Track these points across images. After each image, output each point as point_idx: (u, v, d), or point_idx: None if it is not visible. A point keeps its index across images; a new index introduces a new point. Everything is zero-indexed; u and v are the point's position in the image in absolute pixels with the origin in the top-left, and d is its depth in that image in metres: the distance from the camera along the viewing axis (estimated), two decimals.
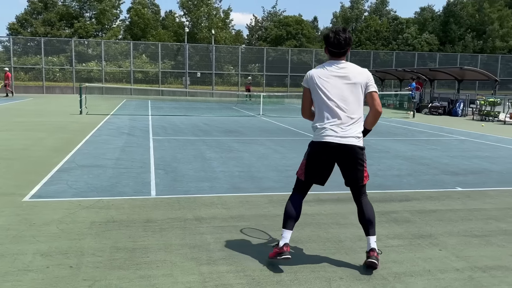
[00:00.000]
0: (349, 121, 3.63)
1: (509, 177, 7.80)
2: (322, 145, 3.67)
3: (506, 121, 19.36)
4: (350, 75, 3.65)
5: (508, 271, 3.85)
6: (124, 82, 38.91)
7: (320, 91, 3.68)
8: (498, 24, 59.67)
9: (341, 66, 3.68)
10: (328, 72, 3.68)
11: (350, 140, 3.62)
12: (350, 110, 3.64)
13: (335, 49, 3.68)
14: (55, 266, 3.64)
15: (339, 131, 3.62)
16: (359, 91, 3.66)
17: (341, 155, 3.68)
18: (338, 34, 3.67)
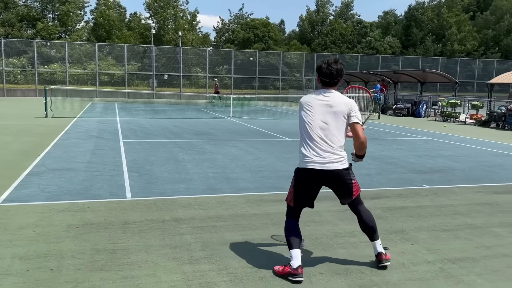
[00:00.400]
0: (329, 148, 3.71)
1: (472, 174, 8.17)
2: (307, 172, 3.75)
3: (466, 122, 20.14)
4: (333, 104, 3.74)
5: (475, 262, 4.07)
6: (89, 84, 38.17)
7: (305, 117, 3.80)
8: (456, 28, 61.89)
9: (327, 95, 3.79)
10: (314, 100, 3.80)
11: (333, 165, 3.70)
12: (331, 138, 3.72)
13: (327, 79, 3.79)
14: (35, 270, 3.61)
15: (321, 158, 3.69)
16: (340, 119, 3.74)
17: (327, 180, 3.76)
18: (330, 65, 3.77)
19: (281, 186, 6.79)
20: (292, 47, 57.49)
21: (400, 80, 29.34)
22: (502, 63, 54.43)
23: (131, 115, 19.51)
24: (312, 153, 3.72)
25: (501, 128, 17.84)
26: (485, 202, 6.20)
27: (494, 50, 63.36)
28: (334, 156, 3.70)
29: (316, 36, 61.97)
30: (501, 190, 6.99)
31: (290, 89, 45.51)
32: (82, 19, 53.52)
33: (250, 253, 4.11)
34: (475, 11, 70.59)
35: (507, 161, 9.86)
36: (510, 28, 64.31)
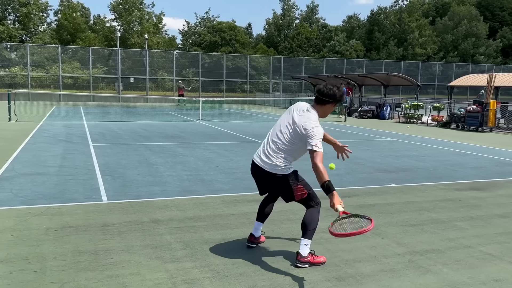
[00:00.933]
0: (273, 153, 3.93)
1: (435, 173, 8.59)
2: (251, 164, 4.16)
3: (428, 123, 20.92)
4: (298, 118, 3.88)
5: (441, 253, 4.36)
6: (52, 88, 37.27)
7: (279, 119, 4.11)
8: (417, 32, 63.92)
9: (305, 110, 3.92)
10: (297, 107, 4.00)
11: (265, 165, 3.96)
12: (279, 145, 3.93)
13: (317, 93, 3.97)
14: (18, 272, 3.63)
15: (263, 156, 3.99)
16: (297, 134, 3.86)
17: (265, 179, 4.04)
18: (328, 84, 3.96)
19: (255, 187, 6.92)
20: (259, 50, 57.89)
21: (365, 83, 30.12)
22: (461, 67, 56.64)
23: (98, 119, 19.25)
24: (260, 150, 4.10)
25: (461, 129, 18.64)
26: (448, 199, 6.56)
27: (453, 54, 65.82)
28: (274, 160, 3.93)
29: (283, 39, 62.63)
30: (462, 187, 7.40)
31: (258, 92, 45.84)
32: (45, 21, 52.17)
33: (229, 251, 4.25)
34: (434, 16, 73.17)
35: (466, 160, 10.37)
36: (467, 33, 66.97)
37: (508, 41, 71.87)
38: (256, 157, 4.08)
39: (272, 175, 3.94)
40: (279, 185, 4.00)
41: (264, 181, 4.09)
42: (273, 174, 3.93)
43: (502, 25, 75.94)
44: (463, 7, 70.94)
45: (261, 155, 4.02)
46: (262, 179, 4.08)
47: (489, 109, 17.61)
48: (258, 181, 4.18)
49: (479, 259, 4.22)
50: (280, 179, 3.95)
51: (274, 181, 3.99)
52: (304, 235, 3.96)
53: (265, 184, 4.12)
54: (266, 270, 3.84)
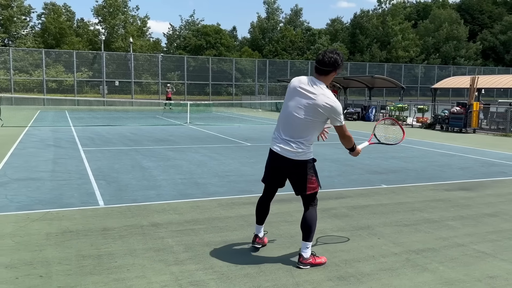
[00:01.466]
0: (294, 137, 3.92)
1: (424, 174, 8.78)
2: (270, 152, 4.11)
3: (413, 125, 21.27)
4: (316, 97, 3.83)
5: (436, 251, 4.49)
6: (36, 92, 36.82)
7: (287, 100, 3.99)
8: (400, 36, 64.84)
9: (316, 86, 3.86)
10: (302, 85, 3.90)
11: (288, 153, 3.93)
12: (298, 128, 3.91)
13: (318, 64, 3.91)
14: (24, 277, 3.65)
15: (282, 144, 3.95)
16: (318, 113, 3.84)
17: (285, 167, 4.01)
18: (326, 53, 3.90)
19: (249, 189, 7.04)
20: (244, 53, 58.06)
21: (350, 86, 30.46)
22: (442, 69, 57.58)
23: (85, 123, 19.12)
24: (277, 138, 4.05)
25: (445, 130, 19.01)
26: (438, 199, 6.74)
27: (435, 56, 66.93)
28: (294, 146, 3.91)
29: (267, 43, 62.90)
30: (452, 187, 7.59)
31: (244, 95, 45.94)
32: (27, 25, 51.50)
33: (231, 253, 4.32)
34: (416, 19, 74.33)
35: (453, 160, 10.61)
36: (448, 36, 68.19)
37: (488, 43, 73.38)
38: (276, 146, 3.99)
39: (294, 161, 3.92)
40: (297, 173, 3.97)
41: (284, 171, 4.03)
42: (294, 160, 3.91)
43: (482, 28, 77.57)
44: (443, 11, 72.26)
45: (280, 144, 3.95)
46: (282, 169, 4.03)
47: (472, 110, 18.00)
48: (276, 171, 4.09)
49: (473, 257, 4.37)
50: (300, 166, 3.94)
51: (293, 169, 3.97)
52: (306, 238, 4.02)
53: (283, 173, 4.06)
54: (268, 271, 3.92)
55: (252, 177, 8.04)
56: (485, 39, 73.97)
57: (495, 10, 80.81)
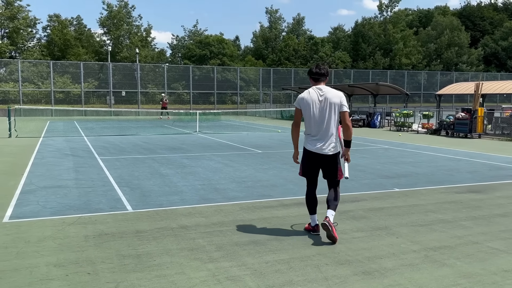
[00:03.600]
0: (325, 136, 4.93)
1: (433, 178, 9.05)
2: (308, 152, 5.05)
3: (418, 131, 21.54)
4: (330, 99, 4.88)
5: (452, 249, 4.77)
6: (44, 103, 37.31)
7: (308, 110, 4.94)
8: (402, 43, 65.30)
9: (321, 90, 4.95)
10: (314, 96, 4.93)
11: (326, 150, 4.95)
12: (327, 127, 4.91)
13: (315, 75, 5.01)
14: (73, 274, 3.95)
15: (320, 145, 4.94)
16: (336, 109, 4.90)
17: (322, 161, 5.01)
18: (319, 65, 5.06)
19: (268, 194, 7.34)
20: (248, 62, 58.56)
21: (355, 93, 30.79)
22: (445, 75, 57.93)
23: (96, 133, 19.48)
24: (313, 140, 5.02)
25: (450, 136, 19.27)
26: (450, 201, 7.01)
27: (437, 63, 67.31)
28: (329, 143, 4.97)
29: (270, 52, 63.42)
30: (461, 190, 7.86)
31: (248, 104, 46.35)
32: (34, 36, 52.22)
33: (260, 251, 4.61)
34: (418, 27, 74.82)
35: (460, 165, 10.88)
36: (450, 42, 68.60)
37: (490, 49, 73.76)
38: (313, 148, 4.94)
39: (330, 156, 4.95)
40: (332, 164, 4.99)
41: (323, 166, 5.03)
42: (330, 155, 4.94)
43: (483, 34, 78.01)
44: (445, 17, 72.75)
45: (317, 145, 4.93)
46: (321, 164, 5.02)
47: (477, 116, 18.27)
48: (316, 168, 5.08)
49: (488, 253, 4.64)
50: (333, 158, 4.98)
51: (331, 162, 4.98)
52: (333, 207, 5.01)
53: (322, 167, 5.05)
54: (297, 267, 4.20)
55: (267, 182, 8.34)
56: (486, 45, 74.37)
57: (496, 16, 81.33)
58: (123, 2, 55.26)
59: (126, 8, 55.40)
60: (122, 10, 54.59)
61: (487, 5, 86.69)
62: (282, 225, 5.57)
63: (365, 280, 3.91)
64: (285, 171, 9.55)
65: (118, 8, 54.49)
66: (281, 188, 7.83)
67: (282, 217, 5.95)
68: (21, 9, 49.23)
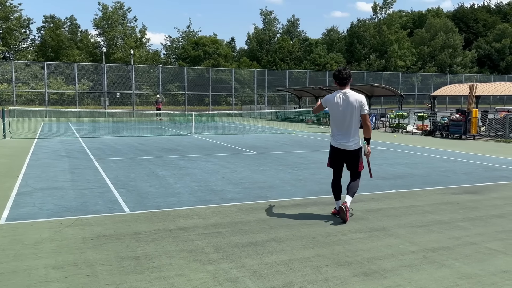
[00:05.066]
0: (348, 134, 5.70)
1: (430, 179, 9.09)
2: (334, 148, 5.88)
3: (413, 132, 21.63)
4: (353, 102, 5.61)
5: (450, 250, 4.79)
6: (37, 104, 37.10)
7: (334, 111, 5.70)
8: (396, 45, 65.60)
9: (345, 94, 5.66)
10: (339, 99, 5.66)
11: (349, 146, 5.75)
12: (353, 127, 5.68)
13: (340, 80, 5.68)
14: (72, 276, 3.92)
15: (345, 142, 5.71)
16: (358, 111, 5.65)
17: (345, 155, 5.81)
18: (340, 71, 5.66)
19: (265, 195, 7.34)
20: (242, 64, 58.58)
21: None
22: (439, 77, 58.27)
23: (91, 134, 19.39)
24: (338, 136, 5.85)
25: (445, 137, 19.36)
26: (447, 202, 7.04)
27: (431, 65, 67.64)
28: (351, 139, 5.78)
29: (265, 53, 63.47)
30: (458, 191, 7.90)
31: (243, 105, 46.34)
32: (27, 37, 51.93)
33: (259, 252, 4.60)
34: (412, 28, 75.17)
35: (456, 166, 10.93)
36: (444, 44, 68.97)
37: (483, 51, 74.27)
38: (339, 145, 5.72)
39: (353, 151, 5.72)
40: (355, 157, 5.78)
41: (346, 159, 5.81)
42: (354, 150, 5.71)
43: (477, 36, 78.54)
44: (439, 19, 73.17)
45: (342, 142, 5.69)
46: (346, 159, 5.80)
47: (471, 117, 18.38)
48: (340, 161, 5.85)
49: (486, 254, 4.66)
50: (356, 152, 5.75)
51: (353, 156, 5.76)
52: (352, 194, 5.84)
53: (345, 161, 5.83)
54: (297, 268, 4.20)
55: (264, 183, 8.33)
56: (480, 47, 74.91)
57: (489, 18, 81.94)
58: (118, 3, 55.16)
59: (122, 9, 55.28)
60: (117, 11, 54.45)
61: (480, 7, 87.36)
62: (280, 226, 5.57)
63: (365, 281, 3.92)
64: (282, 172, 9.55)
65: (113, 9, 54.35)
66: (278, 189, 7.83)
67: (280, 218, 5.94)
68: (13, 9, 48.94)
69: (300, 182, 8.45)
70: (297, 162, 11.27)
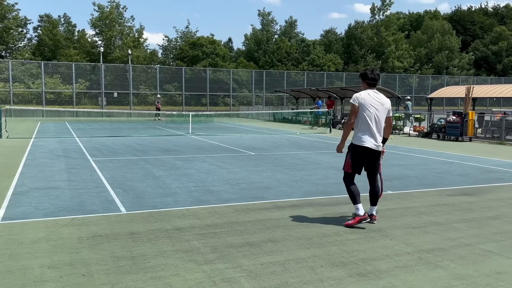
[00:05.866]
0: (379, 134, 5.66)
1: (426, 180, 9.12)
2: (361, 148, 5.63)
3: (410, 134, 21.68)
4: (384, 103, 5.63)
5: (445, 251, 4.81)
6: (34, 103, 37.02)
7: (368, 110, 5.55)
8: (394, 46, 65.75)
9: (378, 95, 5.64)
10: (373, 99, 5.59)
11: (378, 146, 5.68)
12: (380, 127, 5.65)
13: (371, 81, 5.65)
14: (68, 276, 3.92)
15: (375, 142, 5.60)
16: (385, 113, 5.69)
17: (370, 155, 5.66)
18: (373, 71, 5.68)
19: (262, 196, 7.35)
20: (240, 64, 58.61)
21: (346, 96, 30.91)
22: (436, 78, 58.43)
23: (88, 134, 19.36)
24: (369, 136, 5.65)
25: (442, 139, 19.42)
26: (442, 203, 7.07)
27: (428, 66, 67.82)
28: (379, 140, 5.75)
29: (263, 54, 63.52)
30: (454, 193, 7.93)
31: (241, 106, 46.35)
32: (24, 37, 51.82)
33: (255, 253, 4.61)
34: (409, 30, 75.36)
35: (452, 167, 10.97)
36: (441, 46, 69.16)
37: (480, 53, 74.51)
38: (370, 144, 5.56)
39: (378, 152, 5.70)
40: (378, 158, 5.73)
41: (369, 161, 5.68)
42: (379, 151, 5.69)
43: (474, 38, 78.79)
44: (436, 21, 73.38)
45: (372, 141, 5.57)
46: (369, 160, 5.67)
47: (468, 119, 18.44)
48: (363, 163, 5.69)
49: (481, 255, 4.68)
50: (379, 153, 5.73)
51: (377, 157, 5.72)
52: (376, 203, 5.87)
53: (367, 163, 5.70)
54: (293, 269, 4.21)
55: (261, 184, 8.34)
56: (477, 49, 75.16)
57: (486, 21, 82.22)
58: (114, 3, 55.10)
59: (118, 9, 55.22)
60: (114, 11, 54.39)
61: (477, 10, 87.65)
62: (276, 227, 5.58)
63: (360, 282, 3.93)
64: (278, 173, 9.57)
65: (110, 9, 54.29)
66: (275, 190, 7.84)
67: (276, 219, 5.96)
68: (10, 8, 48.83)
69: (297, 183, 8.47)
70: (294, 163, 11.29)
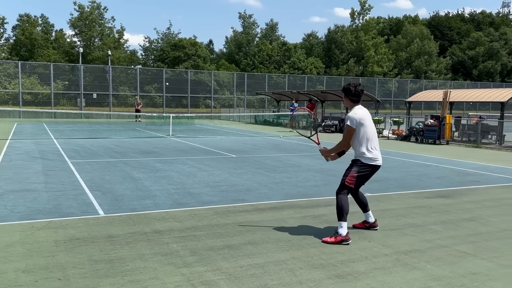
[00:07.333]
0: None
1: (404, 183, 9.25)
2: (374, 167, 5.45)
3: (389, 137, 21.96)
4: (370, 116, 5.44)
5: (422, 252, 4.88)
6: (11, 104, 36.27)
7: (369, 126, 5.32)
8: (373, 50, 66.55)
9: (366, 110, 5.42)
10: (367, 114, 5.35)
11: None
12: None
13: (356, 97, 5.34)
14: (43, 280, 3.85)
15: (380, 156, 5.50)
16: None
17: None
18: (356, 87, 5.31)
19: (242, 198, 7.34)
20: (221, 66, 58.51)
21: (327, 99, 31.16)
22: (415, 83, 59.35)
23: (67, 136, 19.06)
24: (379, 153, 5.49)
25: (420, 142, 19.73)
26: (420, 206, 7.18)
27: (407, 71, 68.84)
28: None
29: (244, 56, 63.56)
30: (431, 195, 8.06)
31: (222, 108, 46.26)
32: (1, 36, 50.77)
33: (235, 256, 4.60)
34: (389, 35, 76.42)
35: (430, 170, 11.15)
36: (420, 51, 70.31)
37: (457, 58, 76.03)
38: (380, 161, 5.44)
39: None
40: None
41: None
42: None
43: (451, 43, 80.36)
44: (415, 26, 74.60)
45: (380, 158, 5.45)
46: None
47: (445, 123, 18.77)
48: (370, 177, 5.55)
49: (456, 256, 4.77)
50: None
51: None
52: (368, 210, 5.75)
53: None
54: (272, 271, 4.22)
55: (242, 186, 8.34)
56: (454, 54, 76.65)
57: (463, 26, 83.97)
58: (95, 3, 54.46)
59: (99, 9, 54.60)
60: (94, 11, 53.75)
61: (455, 16, 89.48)
62: (256, 229, 5.58)
63: (339, 284, 3.96)
64: (259, 176, 9.57)
65: (90, 9, 53.63)
66: (255, 192, 7.84)
67: (256, 221, 5.96)
68: None
69: (277, 185, 8.49)
70: (274, 165, 11.32)
